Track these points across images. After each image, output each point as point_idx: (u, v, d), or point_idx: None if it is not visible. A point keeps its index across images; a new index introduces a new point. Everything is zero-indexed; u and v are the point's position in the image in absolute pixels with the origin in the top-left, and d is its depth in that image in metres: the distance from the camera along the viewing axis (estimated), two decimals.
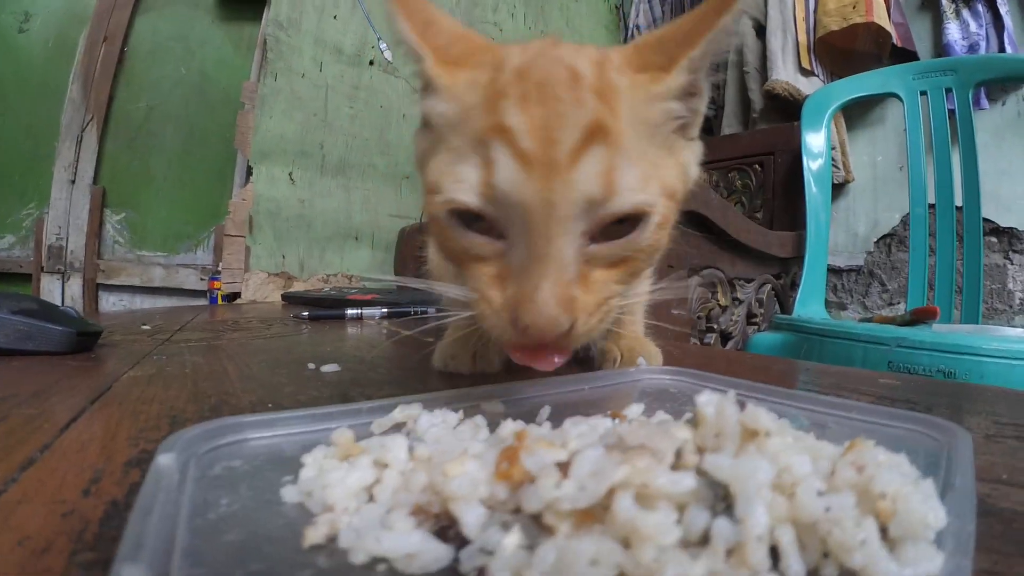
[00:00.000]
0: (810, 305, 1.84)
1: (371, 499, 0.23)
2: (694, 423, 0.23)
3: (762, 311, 1.84)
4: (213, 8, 2.47)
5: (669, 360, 0.62)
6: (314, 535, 0.21)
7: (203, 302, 2.24)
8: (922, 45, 2.24)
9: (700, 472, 0.21)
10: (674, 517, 0.19)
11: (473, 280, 0.37)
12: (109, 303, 2.37)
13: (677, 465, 0.21)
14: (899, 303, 2.19)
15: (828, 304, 2.40)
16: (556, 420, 0.35)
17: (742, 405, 0.23)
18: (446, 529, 0.20)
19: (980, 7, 2.07)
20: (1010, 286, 2.09)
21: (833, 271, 2.40)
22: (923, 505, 0.21)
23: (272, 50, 2.14)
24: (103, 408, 0.44)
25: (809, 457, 0.22)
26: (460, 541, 0.20)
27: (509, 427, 0.28)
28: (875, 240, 2.33)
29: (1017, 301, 2.08)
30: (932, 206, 1.77)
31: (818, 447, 0.25)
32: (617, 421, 0.31)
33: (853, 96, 1.94)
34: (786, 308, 1.95)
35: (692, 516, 0.19)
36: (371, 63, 2.38)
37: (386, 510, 0.21)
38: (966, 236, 1.66)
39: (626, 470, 0.19)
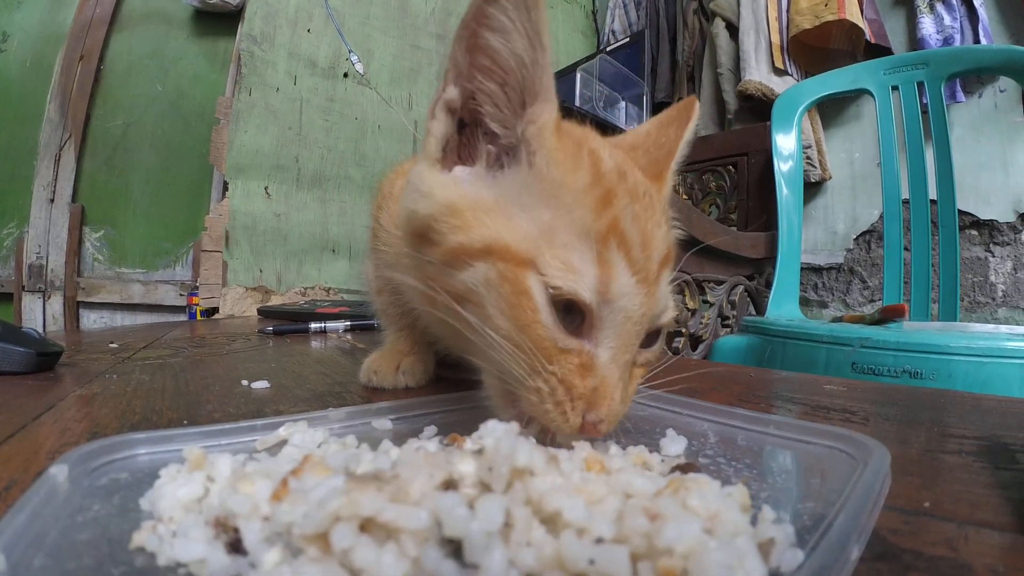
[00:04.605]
0: (784, 305, 1.82)
1: (201, 511, 0.24)
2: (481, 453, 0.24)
3: (735, 313, 1.82)
4: (188, 24, 2.48)
5: None
6: (138, 539, 0.23)
7: (183, 318, 2.25)
8: (896, 40, 2.25)
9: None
10: (412, 552, 0.20)
11: (555, 366, 0.34)
12: (90, 320, 2.38)
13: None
14: (879, 300, 2.19)
15: (808, 303, 2.41)
16: (442, 434, 0.36)
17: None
18: (240, 541, 0.21)
19: (954, 0, 2.08)
20: (992, 279, 2.08)
21: (813, 269, 2.40)
22: (724, 567, 0.19)
23: (247, 65, 2.16)
24: (40, 426, 0.46)
25: (587, 501, 0.22)
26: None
27: (331, 451, 0.30)
28: (854, 237, 2.33)
29: (999, 294, 2.07)
30: (907, 201, 1.76)
31: (636, 485, 0.24)
32: (455, 446, 0.32)
33: (822, 95, 1.93)
34: (761, 309, 1.93)
35: (426, 554, 0.19)
36: (345, 75, 2.39)
37: (204, 521, 0.22)
38: (941, 231, 1.65)
39: (341, 501, 0.19)
